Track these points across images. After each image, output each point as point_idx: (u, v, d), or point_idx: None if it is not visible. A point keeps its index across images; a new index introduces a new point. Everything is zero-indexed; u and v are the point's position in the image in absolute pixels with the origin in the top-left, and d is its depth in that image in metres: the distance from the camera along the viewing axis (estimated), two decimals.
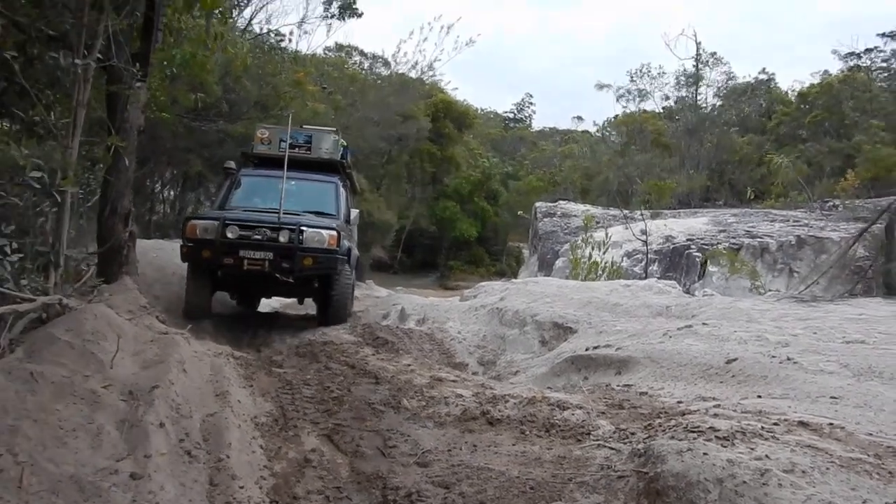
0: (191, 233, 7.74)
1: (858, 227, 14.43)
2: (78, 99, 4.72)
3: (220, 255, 7.53)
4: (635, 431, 3.36)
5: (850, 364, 4.07)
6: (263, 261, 7.57)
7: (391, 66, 31.21)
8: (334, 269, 8.01)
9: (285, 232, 7.68)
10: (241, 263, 7.54)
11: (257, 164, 9.60)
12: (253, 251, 7.55)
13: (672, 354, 5.06)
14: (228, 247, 7.53)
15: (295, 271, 7.68)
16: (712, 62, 38.32)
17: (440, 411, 4.32)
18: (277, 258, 7.59)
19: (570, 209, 23.93)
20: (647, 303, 7.79)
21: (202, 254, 7.61)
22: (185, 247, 7.75)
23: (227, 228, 7.57)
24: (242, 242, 7.59)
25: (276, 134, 9.57)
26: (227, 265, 7.63)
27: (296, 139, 9.37)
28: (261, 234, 7.65)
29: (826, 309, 6.18)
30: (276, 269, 7.58)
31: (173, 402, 3.55)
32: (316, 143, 9.51)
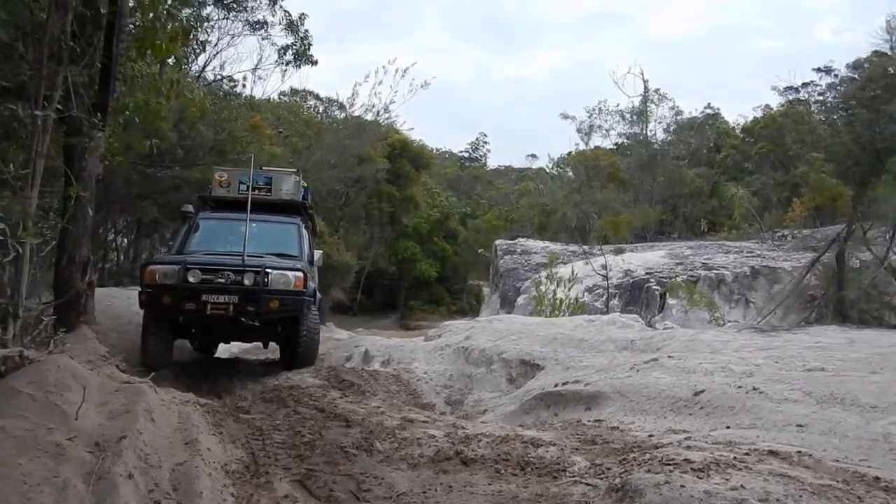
0: (150, 278, 7.46)
1: (808, 256, 14.92)
2: (36, 150, 4.66)
3: (182, 300, 7.25)
4: (611, 466, 3.39)
5: (812, 392, 4.18)
6: (228, 305, 7.32)
7: (347, 109, 31.43)
8: (301, 311, 7.78)
9: (250, 274, 7.46)
10: (205, 308, 7.26)
11: (215, 207, 9.33)
12: (216, 295, 7.30)
13: (640, 388, 5.13)
14: (190, 291, 7.26)
15: (261, 314, 7.44)
16: (658, 99, 39.55)
17: (413, 453, 4.28)
18: (242, 301, 7.35)
19: (529, 246, 24.19)
20: (611, 337, 7.89)
21: (162, 300, 7.32)
22: (143, 293, 7.45)
23: (188, 272, 7.32)
24: (205, 286, 7.34)
25: (235, 176, 9.38)
26: (188, 311, 7.34)
27: (256, 181, 9.22)
28: (224, 277, 7.43)
29: (785, 338, 6.35)
30: (240, 312, 7.34)
31: (142, 451, 3.46)
32: (276, 184, 9.34)
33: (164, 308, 7.43)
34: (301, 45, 20.10)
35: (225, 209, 9.12)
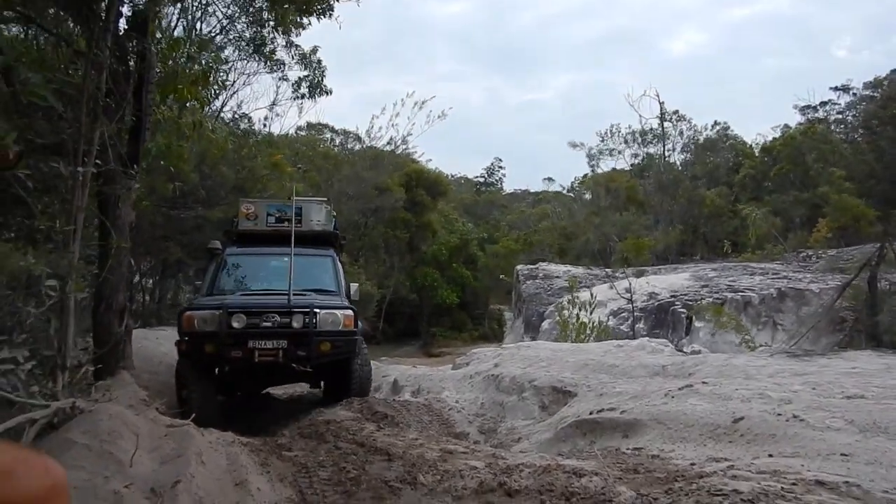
0: (188, 325, 6.98)
1: (835, 277, 14.83)
2: (77, 205, 4.84)
3: (227, 348, 6.78)
4: (657, 497, 3.42)
5: (855, 420, 4.18)
6: (277, 350, 6.86)
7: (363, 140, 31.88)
8: (353, 352, 7.42)
9: (298, 316, 7.01)
10: (252, 356, 6.79)
11: (242, 242, 8.85)
12: (264, 340, 6.85)
13: (678, 415, 5.14)
14: (235, 338, 6.81)
15: (312, 359, 7.01)
16: (675, 119, 39.63)
17: (457, 485, 4.33)
18: (292, 346, 6.90)
19: (551, 270, 24.21)
20: (642, 363, 7.90)
21: (205, 348, 6.84)
22: (183, 343, 6.97)
23: (231, 317, 6.86)
24: (251, 332, 6.88)
25: (262, 208, 8.94)
26: (235, 359, 6.86)
27: (284, 212, 8.77)
28: (270, 320, 6.98)
29: (820, 363, 6.33)
30: (291, 358, 6.88)
31: (196, 495, 3.56)
32: (307, 214, 8.86)
33: (207, 358, 6.99)
34: (314, 76, 20.53)
35: (253, 243, 8.75)
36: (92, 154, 4.95)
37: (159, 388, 8.28)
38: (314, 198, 10.11)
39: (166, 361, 10.71)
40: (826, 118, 37.38)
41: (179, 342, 7.11)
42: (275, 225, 8.68)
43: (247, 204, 9.13)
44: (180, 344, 7.09)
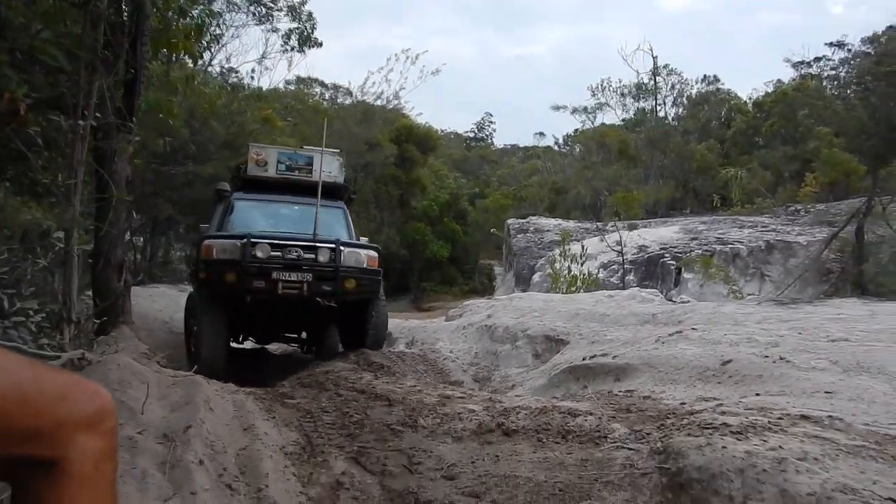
0: (207, 254, 6.67)
1: (823, 230, 15.03)
2: (77, 158, 4.86)
3: (249, 277, 6.48)
4: (650, 432, 3.58)
5: (839, 361, 4.35)
6: (301, 283, 6.62)
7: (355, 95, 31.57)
8: (376, 292, 7.29)
9: (324, 250, 6.82)
10: (275, 287, 6.51)
11: (250, 188, 8.45)
12: (288, 272, 6.60)
13: (668, 359, 5.31)
14: (259, 268, 6.53)
15: (336, 294, 6.80)
16: (667, 74, 39.42)
17: (456, 427, 4.47)
18: (317, 280, 6.69)
19: (542, 224, 24.35)
20: (633, 312, 8.08)
21: (225, 278, 6.52)
22: (201, 271, 6.67)
23: (255, 247, 6.59)
24: (275, 263, 6.62)
25: (273, 155, 8.59)
26: (257, 290, 6.53)
27: (295, 161, 8.53)
28: (295, 252, 6.75)
29: (806, 310, 6.52)
30: (315, 292, 6.67)
31: (207, 439, 3.68)
32: (318, 165, 8.37)
33: (226, 288, 6.62)
34: (304, 28, 20.23)
35: (261, 190, 8.38)
36: (91, 108, 4.96)
37: (156, 344, 8.39)
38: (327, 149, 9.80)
39: (161, 318, 10.87)
40: (819, 74, 37.19)
41: (196, 272, 6.87)
42: (285, 173, 8.37)
43: (257, 149, 8.75)
44: (197, 273, 6.80)
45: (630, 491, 3.10)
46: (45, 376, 0.90)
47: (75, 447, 0.89)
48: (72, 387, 0.92)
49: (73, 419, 0.89)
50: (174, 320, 11.60)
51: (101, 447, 0.92)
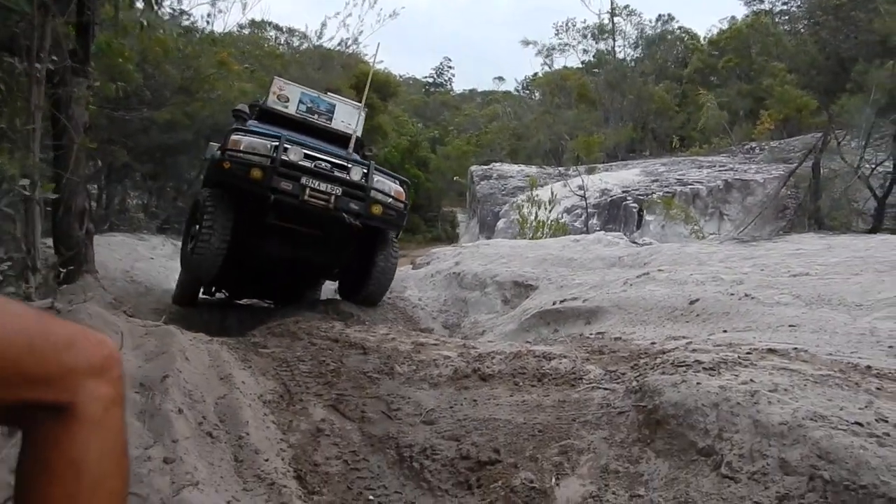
0: (235, 146, 6.27)
1: (779, 167, 15.33)
2: (35, 103, 4.67)
3: (277, 177, 6.13)
4: (625, 372, 3.67)
5: (801, 295, 4.49)
6: (330, 195, 6.32)
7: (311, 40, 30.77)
8: (399, 226, 7.13)
9: (357, 169, 6.60)
10: (303, 192, 6.19)
11: (266, 120, 7.94)
12: (318, 181, 6.32)
13: (637, 301, 5.43)
14: (289, 169, 6.23)
15: (363, 215, 6.50)
16: (626, 14, 39.22)
17: (432, 373, 4.53)
18: (345, 196, 6.42)
19: (505, 171, 24.35)
20: (599, 255, 8.19)
21: (251, 173, 6.13)
22: (225, 161, 6.20)
23: (287, 150, 6.29)
24: (306, 168, 6.34)
25: (296, 93, 8.29)
26: (283, 191, 6.14)
27: (317, 105, 8.28)
28: (327, 165, 6.50)
29: (767, 247, 6.68)
30: (342, 207, 6.38)
31: (185, 388, 3.66)
32: (338, 114, 8.35)
33: (249, 184, 6.20)
34: None
35: (277, 125, 7.80)
36: (45, 50, 4.75)
37: (118, 293, 8.28)
38: (350, 100, 9.31)
39: (121, 267, 10.68)
40: (771, 10, 37.40)
41: (220, 161, 6.30)
42: (305, 114, 8.14)
43: (280, 83, 8.46)
44: (220, 163, 6.28)
45: (608, 429, 3.19)
46: (52, 324, 0.94)
47: (85, 392, 0.92)
48: (78, 335, 0.95)
49: (82, 366, 0.92)
50: (135, 269, 11.43)
51: (110, 393, 0.96)
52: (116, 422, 0.98)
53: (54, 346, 0.90)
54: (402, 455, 3.50)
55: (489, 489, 3.09)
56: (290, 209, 6.35)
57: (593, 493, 2.87)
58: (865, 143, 9.24)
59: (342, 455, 3.57)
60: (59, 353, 0.90)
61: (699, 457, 2.77)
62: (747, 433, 2.64)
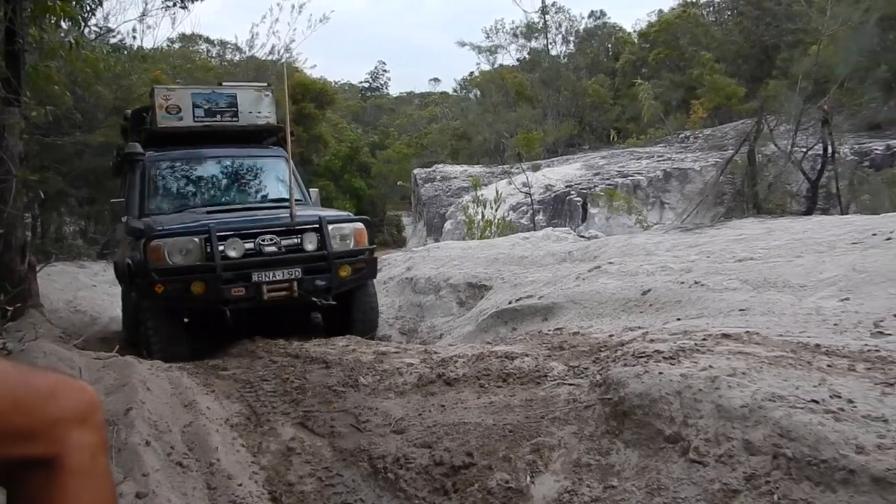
0: (157, 259, 5.31)
1: (713, 155, 15.84)
2: None
3: (224, 286, 5.30)
4: (587, 366, 3.76)
5: (748, 279, 4.67)
6: (290, 282, 5.47)
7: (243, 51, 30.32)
8: (372, 275, 6.24)
9: (310, 235, 5.62)
10: (259, 293, 5.36)
11: (162, 143, 6.90)
12: (272, 271, 5.42)
13: (591, 294, 5.55)
14: (235, 269, 5.37)
15: (333, 289, 5.67)
16: (555, 12, 39.87)
17: (397, 381, 4.55)
18: (308, 274, 5.57)
19: (448, 172, 24.48)
20: (550, 251, 8.32)
21: (191, 289, 5.28)
22: (156, 283, 5.28)
23: (225, 243, 5.35)
24: (253, 261, 5.44)
25: (186, 98, 6.94)
26: (235, 299, 5.35)
27: (215, 102, 6.99)
28: (273, 244, 5.55)
29: (710, 234, 6.91)
30: (308, 290, 5.54)
31: (150, 419, 3.61)
32: (244, 105, 7.06)
33: (195, 301, 5.41)
34: None
35: (178, 145, 6.91)
36: None
37: (63, 325, 8.05)
38: (252, 83, 7.96)
39: (63, 297, 10.37)
40: (697, 1, 38.55)
41: (147, 284, 5.37)
42: (205, 119, 6.93)
43: (164, 92, 7.03)
44: (152, 286, 5.31)
45: (576, 424, 3.27)
46: (32, 377, 0.92)
47: (71, 442, 0.91)
48: (59, 384, 0.94)
49: (66, 415, 0.91)
50: (78, 299, 11.11)
51: (95, 440, 0.95)
52: (104, 468, 0.97)
53: (38, 399, 0.89)
54: (375, 467, 3.51)
55: (466, 493, 3.13)
56: (249, 309, 5.64)
57: (568, 488, 2.94)
58: (796, 128, 9.67)
59: (315, 472, 3.56)
60: (43, 406, 0.89)
61: (667, 444, 2.87)
62: (711, 418, 2.74)
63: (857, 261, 4.34)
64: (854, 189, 11.24)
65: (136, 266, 5.66)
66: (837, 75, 11.99)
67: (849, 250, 4.84)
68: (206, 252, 5.33)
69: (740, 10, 33.20)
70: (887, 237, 5.03)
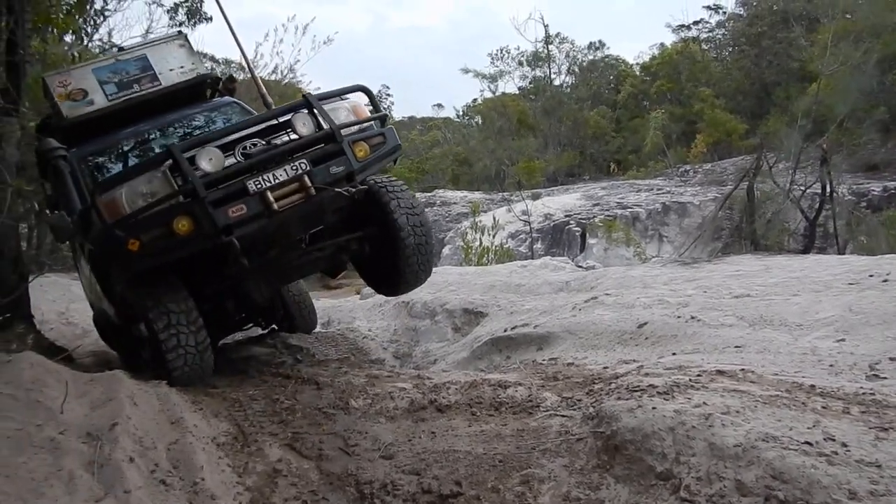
0: (115, 211, 4.15)
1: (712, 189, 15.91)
2: None
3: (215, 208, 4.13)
4: (581, 398, 3.73)
5: (744, 316, 4.66)
6: (300, 179, 4.31)
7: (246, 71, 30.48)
8: (398, 150, 5.04)
9: (300, 116, 4.47)
10: (266, 205, 4.20)
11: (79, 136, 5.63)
12: (269, 173, 4.26)
13: (587, 325, 5.53)
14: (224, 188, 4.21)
15: (356, 172, 4.49)
16: (559, 42, 40.24)
17: (388, 406, 4.51)
18: (318, 163, 4.41)
19: (448, 197, 24.55)
20: (547, 280, 8.31)
21: (176, 229, 4.10)
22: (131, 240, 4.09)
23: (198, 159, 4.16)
24: (241, 166, 4.30)
25: (89, 78, 5.76)
26: (241, 221, 4.19)
27: (125, 72, 5.80)
28: (256, 139, 4.46)
29: (708, 269, 6.91)
30: (326, 181, 4.39)
31: (135, 435, 3.56)
32: (160, 65, 5.94)
33: (186, 245, 4.24)
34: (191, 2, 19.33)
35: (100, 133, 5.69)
36: None
37: (55, 337, 7.99)
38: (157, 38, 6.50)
39: (56, 309, 10.30)
40: (698, 37, 39.02)
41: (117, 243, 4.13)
42: (120, 95, 5.73)
43: (57, 78, 5.78)
44: (123, 245, 4.10)
45: (567, 457, 3.23)
46: None
47: None
48: None
49: None
50: (70, 311, 11.03)
51: None
52: None
53: None
54: (362, 492, 3.47)
55: None
56: (259, 235, 4.49)
57: None
58: (795, 167, 9.75)
59: (301, 495, 3.51)
60: None
61: (658, 481, 2.83)
62: (704, 456, 2.71)
63: (853, 302, 4.33)
64: (852, 229, 11.29)
65: (96, 240, 4.43)
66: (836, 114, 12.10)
67: (845, 291, 4.83)
68: (176, 180, 4.20)
69: (741, 48, 33.58)
70: (884, 279, 5.03)
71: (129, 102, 5.73)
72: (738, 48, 33.86)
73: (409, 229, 5.13)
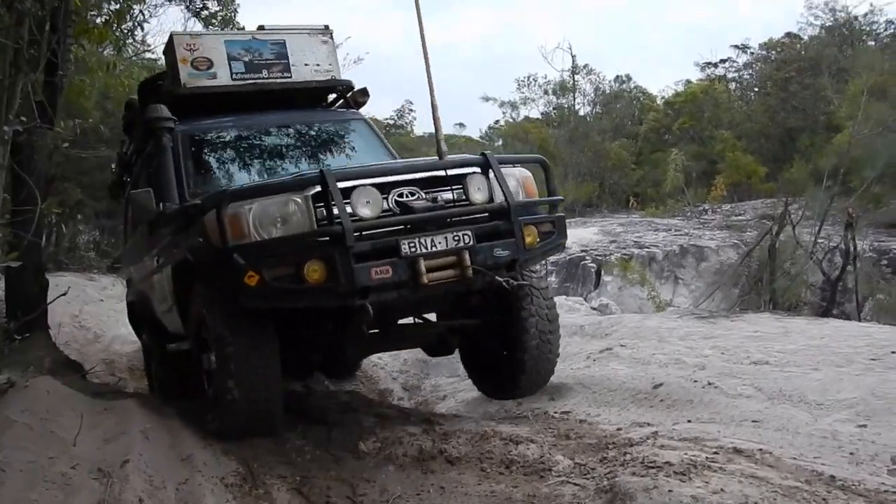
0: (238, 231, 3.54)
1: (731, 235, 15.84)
2: None
3: (357, 263, 3.50)
4: (594, 466, 3.68)
5: (762, 388, 4.60)
6: (459, 254, 3.67)
7: None
8: (562, 243, 4.41)
9: (477, 179, 3.86)
10: (415, 275, 3.58)
11: (189, 109, 4.98)
12: (429, 237, 3.62)
13: (601, 380, 5.48)
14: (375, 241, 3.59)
15: (519, 262, 3.88)
16: (585, 73, 40.44)
17: (397, 452, 4.46)
18: (482, 240, 3.77)
19: None
20: (561, 322, 8.25)
21: (305, 277, 3.48)
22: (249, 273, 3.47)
23: (352, 197, 3.53)
24: (398, 221, 3.68)
25: (219, 47, 5.11)
26: (383, 286, 3.57)
27: (257, 52, 5.16)
28: (421, 197, 3.77)
29: (725, 326, 6.85)
30: (486, 264, 3.74)
31: (145, 473, 3.56)
32: (295, 55, 5.29)
33: (312, 297, 3.63)
34: (226, 11, 19.54)
35: (211, 112, 5.15)
36: (14, 108, 4.65)
37: (66, 340, 8.04)
38: (302, 26, 5.64)
39: (70, 311, 10.35)
40: (724, 76, 39.11)
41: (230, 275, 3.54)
42: (247, 76, 5.14)
43: (188, 41, 5.10)
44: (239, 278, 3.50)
45: None
46: None
47: None
48: None
49: None
50: (84, 314, 11.11)
51: None
52: None
53: None
54: None
55: None
56: (392, 304, 3.86)
57: None
58: (819, 227, 9.72)
59: None
60: None
61: None
62: None
63: (876, 384, 4.27)
64: (872, 287, 11.21)
65: (201, 252, 3.80)
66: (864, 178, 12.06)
67: (868, 367, 4.76)
68: (319, 215, 3.57)
69: (767, 91, 33.60)
70: None
71: (252, 87, 5.12)
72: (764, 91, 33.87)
73: (535, 332, 4.58)
